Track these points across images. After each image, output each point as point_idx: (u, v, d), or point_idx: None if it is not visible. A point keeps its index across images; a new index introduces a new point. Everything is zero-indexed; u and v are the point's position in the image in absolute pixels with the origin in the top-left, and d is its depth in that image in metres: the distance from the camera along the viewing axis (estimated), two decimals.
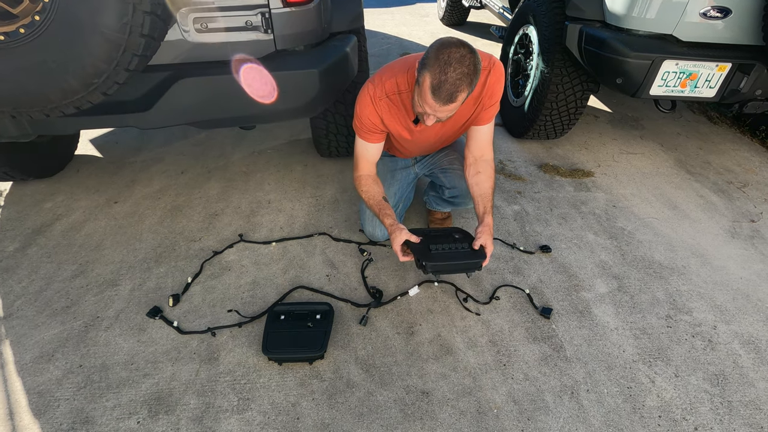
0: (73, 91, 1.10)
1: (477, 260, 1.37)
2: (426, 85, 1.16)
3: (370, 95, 1.40)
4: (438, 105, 1.18)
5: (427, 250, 1.37)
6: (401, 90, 1.39)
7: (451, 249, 1.38)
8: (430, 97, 1.17)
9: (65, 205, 2.13)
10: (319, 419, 1.26)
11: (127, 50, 1.07)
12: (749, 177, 2.43)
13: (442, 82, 1.13)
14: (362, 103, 1.42)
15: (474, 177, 1.50)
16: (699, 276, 1.76)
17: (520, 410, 1.29)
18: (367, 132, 1.46)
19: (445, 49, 1.14)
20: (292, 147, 2.63)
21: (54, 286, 1.68)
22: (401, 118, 1.46)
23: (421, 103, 1.22)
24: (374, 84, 1.40)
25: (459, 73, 1.13)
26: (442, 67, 1.13)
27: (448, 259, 1.35)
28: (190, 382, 1.35)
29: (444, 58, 1.13)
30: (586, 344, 1.48)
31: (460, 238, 1.45)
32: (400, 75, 1.37)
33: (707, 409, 1.30)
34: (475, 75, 1.16)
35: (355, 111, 1.45)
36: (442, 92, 1.14)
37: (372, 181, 1.52)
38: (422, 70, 1.17)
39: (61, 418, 1.26)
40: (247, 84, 1.51)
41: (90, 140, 2.70)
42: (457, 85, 1.14)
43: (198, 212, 2.08)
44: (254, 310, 1.58)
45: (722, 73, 1.84)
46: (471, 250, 1.39)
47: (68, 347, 1.46)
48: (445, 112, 1.21)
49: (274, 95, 1.54)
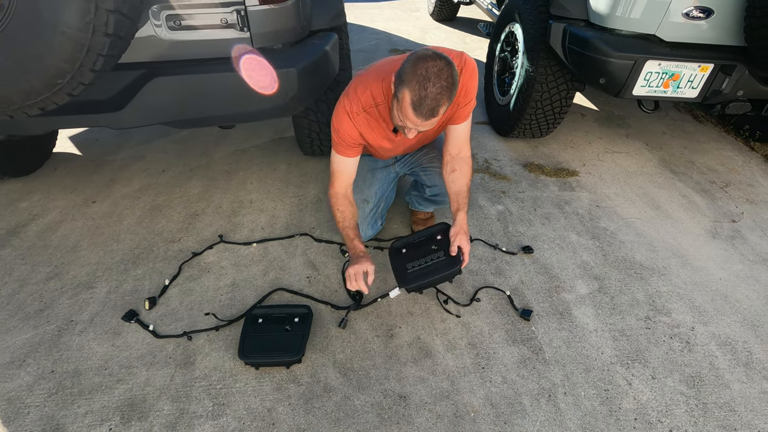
0: (36, 91, 1.06)
1: (454, 269, 1.38)
2: (406, 101, 1.15)
3: (347, 110, 1.37)
4: (420, 120, 1.17)
5: (405, 270, 1.41)
6: (378, 102, 1.37)
7: (428, 263, 1.40)
8: (412, 113, 1.16)
9: (41, 205, 2.08)
10: (295, 424, 1.25)
11: (91, 50, 1.04)
12: (732, 176, 2.45)
13: (422, 98, 1.12)
14: (339, 118, 1.39)
15: (450, 175, 1.49)
16: (679, 277, 1.76)
17: (497, 414, 1.28)
18: (345, 147, 1.43)
19: (421, 63, 1.12)
20: (276, 145, 2.60)
21: (27, 288, 1.65)
22: (380, 130, 1.44)
23: (402, 119, 1.21)
24: (349, 98, 1.37)
25: (438, 87, 1.12)
26: (421, 83, 1.11)
27: (425, 277, 1.39)
28: (165, 388, 1.33)
29: (422, 72, 1.11)
30: (565, 346, 1.48)
31: (438, 245, 1.45)
32: (374, 86, 1.35)
33: (683, 411, 1.31)
34: (453, 87, 1.15)
35: (333, 126, 1.42)
36: (424, 108, 1.14)
37: (348, 202, 1.50)
38: (400, 85, 1.15)
39: (31, 425, 1.23)
40: (229, 84, 1.47)
41: (69, 138, 2.64)
42: (437, 100, 1.13)
43: (178, 212, 2.04)
44: (232, 313, 1.56)
45: (704, 74, 1.83)
46: (447, 260, 1.39)
47: (40, 352, 1.43)
48: (426, 126, 1.21)
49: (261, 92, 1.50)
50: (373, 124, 1.41)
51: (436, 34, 4.78)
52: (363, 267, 1.41)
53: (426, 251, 1.43)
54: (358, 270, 1.41)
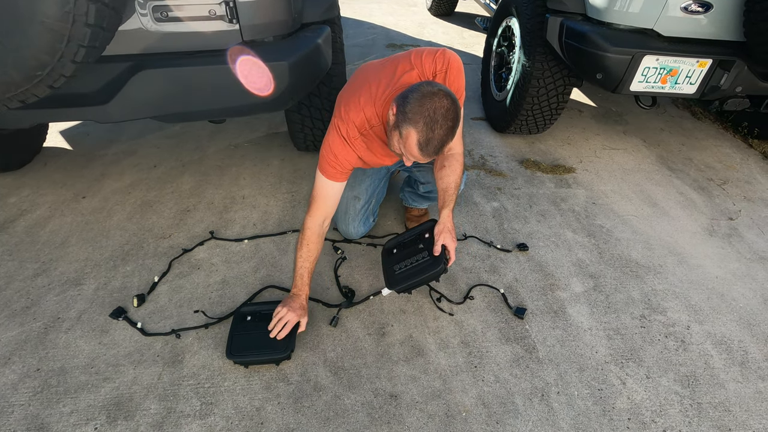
0: (15, 83, 1.03)
1: (438, 268, 1.36)
2: (412, 141, 1.12)
3: (344, 136, 1.31)
4: (425, 158, 1.17)
5: (393, 272, 1.42)
6: (373, 125, 1.32)
7: (413, 264, 1.40)
8: (418, 152, 1.15)
9: (30, 200, 2.05)
10: (284, 424, 1.23)
11: (71, 41, 1.01)
12: (730, 174, 2.43)
13: (429, 140, 1.11)
14: (336, 145, 1.32)
15: (439, 171, 1.47)
16: (675, 275, 1.75)
17: (489, 413, 1.27)
18: (339, 172, 1.36)
19: (428, 102, 1.08)
20: (269, 140, 2.57)
21: (14, 285, 1.62)
22: (379, 149, 1.40)
23: (405, 153, 1.18)
24: (344, 122, 1.31)
25: (446, 129, 1.11)
26: (429, 124, 1.09)
27: (412, 277, 1.38)
28: (152, 386, 1.31)
29: (429, 114, 1.08)
30: (558, 345, 1.46)
31: (424, 244, 1.43)
32: (367, 109, 1.29)
33: (677, 411, 1.29)
34: (457, 123, 1.14)
35: (328, 153, 1.34)
36: (430, 148, 1.13)
37: (318, 240, 1.40)
38: (405, 123, 1.11)
39: (15, 424, 1.21)
40: (218, 77, 1.44)
41: (60, 132, 2.61)
42: (444, 141, 1.13)
43: (169, 208, 2.02)
44: (222, 310, 1.54)
45: (703, 69, 1.81)
46: (432, 259, 1.37)
47: (26, 350, 1.40)
48: (426, 161, 1.21)
49: (246, 89, 1.47)
50: (372, 145, 1.37)
51: (433, 29, 4.74)
52: (293, 316, 1.35)
53: (413, 251, 1.43)
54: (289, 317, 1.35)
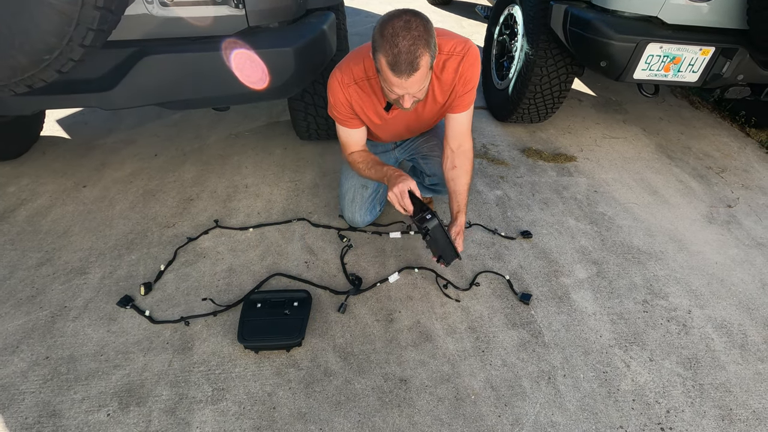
0: (23, 68, 1.01)
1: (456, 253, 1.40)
2: (384, 66, 1.09)
3: (338, 81, 1.35)
4: (404, 80, 1.10)
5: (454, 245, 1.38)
6: (369, 75, 1.33)
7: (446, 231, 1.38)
8: (392, 75, 1.10)
9: (30, 189, 2.03)
10: (296, 408, 1.24)
11: (80, 24, 0.99)
12: (728, 162, 2.46)
13: (396, 56, 1.06)
14: (332, 89, 1.38)
15: (450, 171, 1.47)
16: (676, 261, 1.78)
17: (498, 396, 1.29)
18: (345, 119, 1.42)
19: (387, 23, 1.08)
20: (271, 129, 2.55)
21: (18, 274, 1.61)
22: (371, 104, 1.41)
23: (390, 87, 1.16)
24: (341, 70, 1.35)
25: (410, 38, 1.05)
26: (391, 41, 1.06)
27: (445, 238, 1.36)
28: (163, 373, 1.32)
29: (389, 32, 1.07)
30: (564, 330, 1.49)
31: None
32: (368, 59, 1.31)
33: (679, 392, 1.32)
34: (428, 35, 1.08)
35: (328, 99, 1.41)
36: (401, 64, 1.07)
37: (366, 154, 1.50)
38: (375, 54, 1.12)
39: (27, 411, 1.21)
40: (221, 63, 1.43)
41: (57, 120, 2.57)
42: (413, 51, 1.06)
43: (172, 197, 2.00)
44: (230, 298, 1.54)
45: (705, 57, 1.82)
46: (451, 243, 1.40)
47: (34, 338, 1.40)
48: (415, 85, 1.13)
49: (255, 76, 1.46)
50: (365, 98, 1.38)
51: (432, 18, 4.70)
52: (405, 185, 1.32)
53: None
54: (402, 188, 1.32)
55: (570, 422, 1.23)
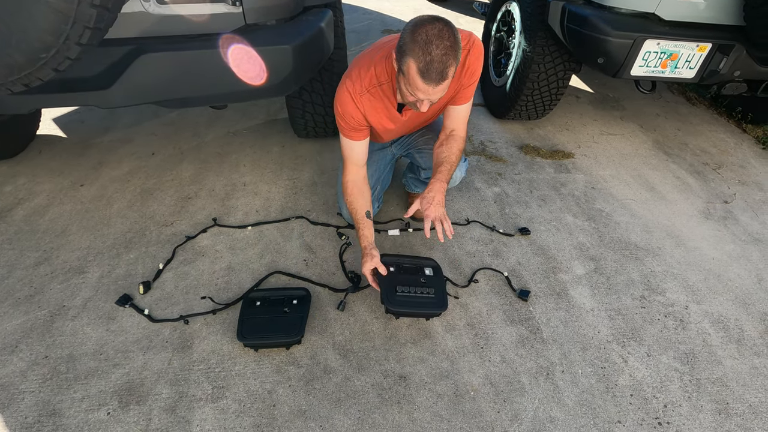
0: (19, 66, 1.01)
1: (439, 310, 1.40)
2: (413, 71, 1.11)
3: (350, 92, 1.34)
4: (431, 87, 1.13)
5: (393, 291, 1.39)
6: (381, 81, 1.33)
7: (416, 294, 1.39)
8: (421, 81, 1.12)
9: (27, 189, 2.02)
10: (296, 406, 1.25)
11: (77, 22, 0.99)
12: (724, 158, 2.47)
13: (428, 63, 1.08)
14: (343, 101, 1.36)
15: (438, 149, 1.47)
16: (673, 257, 1.79)
17: (497, 392, 1.30)
18: (352, 130, 1.40)
19: (419, 28, 1.09)
20: (268, 127, 2.55)
21: (16, 274, 1.61)
22: (384, 111, 1.41)
23: (412, 91, 1.17)
24: (352, 80, 1.33)
25: (443, 48, 1.08)
26: (424, 48, 1.07)
27: (410, 307, 1.38)
28: (163, 372, 1.32)
29: (422, 38, 1.08)
30: (562, 326, 1.49)
31: (428, 280, 1.44)
32: (378, 65, 1.31)
33: (677, 386, 1.33)
34: (457, 46, 1.11)
35: (336, 110, 1.39)
36: (432, 73, 1.10)
37: (358, 192, 1.47)
38: (403, 57, 1.12)
39: (26, 411, 1.21)
40: (218, 61, 1.42)
41: (53, 119, 2.56)
42: (444, 61, 1.09)
43: (170, 195, 2.00)
44: (229, 296, 1.54)
45: (702, 54, 1.82)
46: (434, 299, 1.40)
47: (32, 338, 1.40)
48: (438, 93, 1.17)
49: (253, 74, 1.46)
50: (377, 104, 1.38)
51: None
52: (370, 266, 1.42)
53: (417, 282, 1.43)
54: (366, 270, 1.43)
55: (568, 417, 1.24)
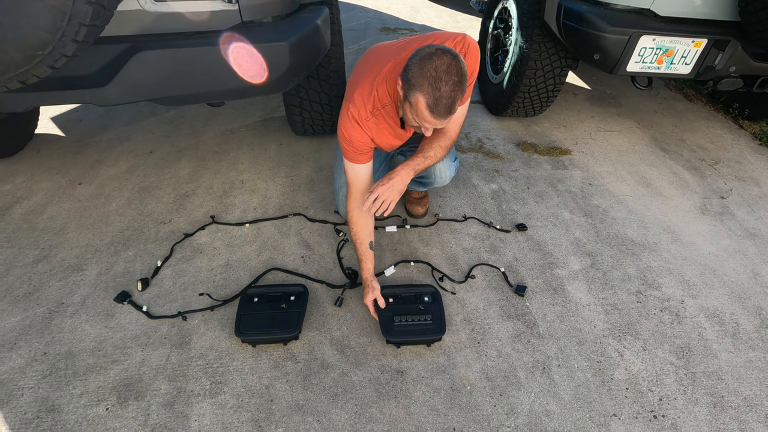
0: (16, 63, 1.01)
1: (437, 336, 1.39)
2: (421, 106, 1.13)
3: (355, 119, 1.33)
4: (439, 120, 1.16)
5: (391, 322, 1.40)
6: (384, 104, 1.33)
7: (413, 322, 1.40)
8: (429, 116, 1.14)
9: (25, 187, 2.02)
10: (294, 401, 1.25)
11: (72, 19, 0.99)
12: (721, 154, 2.48)
13: (437, 99, 1.10)
14: (348, 127, 1.35)
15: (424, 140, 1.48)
16: (669, 252, 1.79)
17: (493, 386, 1.30)
18: (359, 155, 1.40)
19: (428, 62, 1.09)
20: (266, 125, 2.55)
21: (15, 271, 1.61)
22: (389, 130, 1.41)
23: (419, 121, 1.19)
24: (355, 105, 1.33)
25: (452, 84, 1.10)
26: (433, 84, 1.09)
27: (409, 335, 1.38)
28: (161, 368, 1.32)
29: (431, 74, 1.09)
30: (558, 320, 1.50)
31: (426, 307, 1.45)
32: (380, 89, 1.31)
33: (672, 380, 1.34)
34: (464, 79, 1.13)
35: (342, 137, 1.37)
36: (441, 108, 1.12)
37: (364, 222, 1.47)
38: (411, 90, 1.13)
39: (26, 407, 1.22)
40: (214, 59, 1.43)
41: (51, 118, 2.56)
42: (452, 98, 1.12)
43: (168, 193, 2.01)
44: (227, 293, 1.55)
45: (698, 50, 1.83)
46: (432, 325, 1.40)
47: (31, 335, 1.40)
48: (445, 123, 1.20)
49: (249, 71, 1.46)
50: (382, 125, 1.38)
51: (426, 13, 4.70)
52: (371, 297, 1.45)
53: (415, 310, 1.43)
54: (367, 302, 1.46)
55: (564, 411, 1.25)
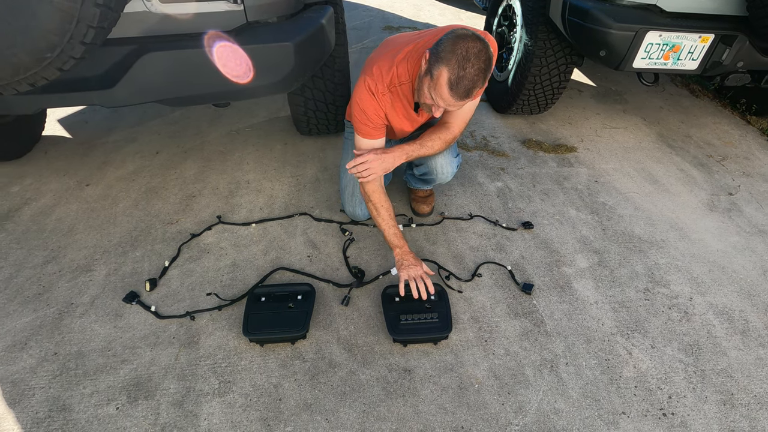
0: (25, 66, 1.02)
1: (443, 333, 1.39)
2: (443, 79, 1.12)
3: (371, 90, 1.34)
4: (454, 100, 1.15)
5: (397, 321, 1.40)
6: (402, 81, 1.34)
7: (419, 321, 1.40)
8: (447, 92, 1.13)
9: (34, 189, 2.04)
10: (302, 399, 1.26)
11: (81, 21, 1.00)
12: (728, 150, 2.46)
13: (460, 78, 1.10)
14: (363, 99, 1.35)
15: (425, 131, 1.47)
16: (677, 249, 1.78)
17: (501, 385, 1.30)
18: (372, 128, 1.40)
19: (461, 42, 1.10)
20: (271, 125, 2.56)
21: (24, 272, 1.63)
22: (403, 110, 1.41)
23: (435, 97, 1.18)
24: (373, 78, 1.33)
25: (477, 69, 1.10)
26: (461, 62, 1.09)
27: (415, 333, 1.38)
28: (170, 367, 1.33)
29: (462, 52, 1.09)
30: (566, 318, 1.50)
31: (433, 304, 1.44)
32: (400, 66, 1.31)
33: (681, 378, 1.34)
34: (489, 70, 1.13)
35: (357, 112, 1.37)
36: (461, 88, 1.12)
37: (380, 193, 1.47)
38: (437, 63, 1.13)
39: (37, 406, 1.23)
40: (219, 60, 1.43)
41: (58, 120, 2.58)
42: (474, 81, 1.12)
43: (174, 194, 2.02)
44: (234, 292, 1.56)
45: (705, 45, 1.81)
46: (438, 323, 1.40)
47: (42, 335, 1.42)
48: (459, 106, 1.19)
49: (248, 72, 1.47)
50: (397, 104, 1.38)
51: (430, 11, 4.69)
52: (416, 271, 1.43)
53: (420, 308, 1.43)
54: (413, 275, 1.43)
55: (573, 409, 1.25)
